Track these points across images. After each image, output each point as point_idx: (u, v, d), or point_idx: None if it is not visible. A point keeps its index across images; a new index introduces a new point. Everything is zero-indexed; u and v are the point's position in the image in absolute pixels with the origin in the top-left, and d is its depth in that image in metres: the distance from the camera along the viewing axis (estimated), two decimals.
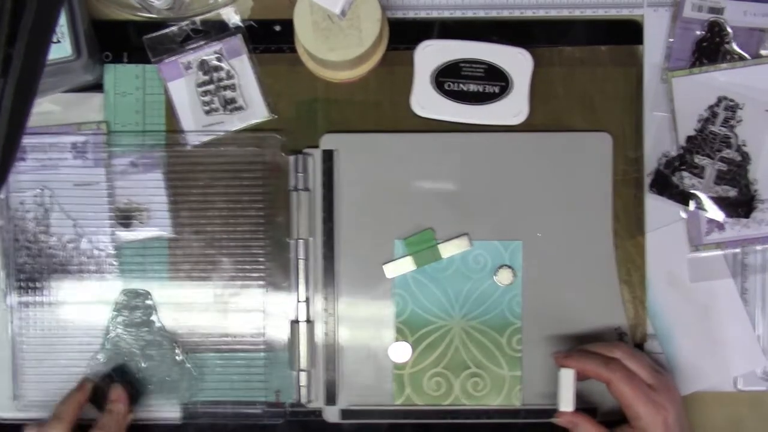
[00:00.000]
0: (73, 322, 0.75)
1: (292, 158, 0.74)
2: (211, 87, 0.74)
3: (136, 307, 0.74)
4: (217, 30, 0.74)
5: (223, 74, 0.74)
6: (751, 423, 0.75)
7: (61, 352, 0.75)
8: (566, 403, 0.68)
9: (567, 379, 0.68)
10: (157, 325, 0.74)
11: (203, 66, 0.74)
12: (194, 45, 0.74)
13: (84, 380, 0.74)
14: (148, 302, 0.74)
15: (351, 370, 0.74)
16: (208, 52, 0.74)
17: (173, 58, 0.74)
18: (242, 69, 0.74)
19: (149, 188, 0.74)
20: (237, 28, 0.74)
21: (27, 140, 0.73)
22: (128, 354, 0.74)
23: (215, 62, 0.74)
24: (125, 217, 0.74)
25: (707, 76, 0.74)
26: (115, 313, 0.74)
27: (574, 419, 0.69)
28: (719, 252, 0.74)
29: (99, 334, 0.74)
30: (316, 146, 0.74)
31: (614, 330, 0.74)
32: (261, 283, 0.74)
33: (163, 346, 0.74)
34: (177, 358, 0.74)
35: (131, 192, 0.74)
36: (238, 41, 0.74)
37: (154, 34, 0.74)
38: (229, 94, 0.74)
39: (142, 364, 0.74)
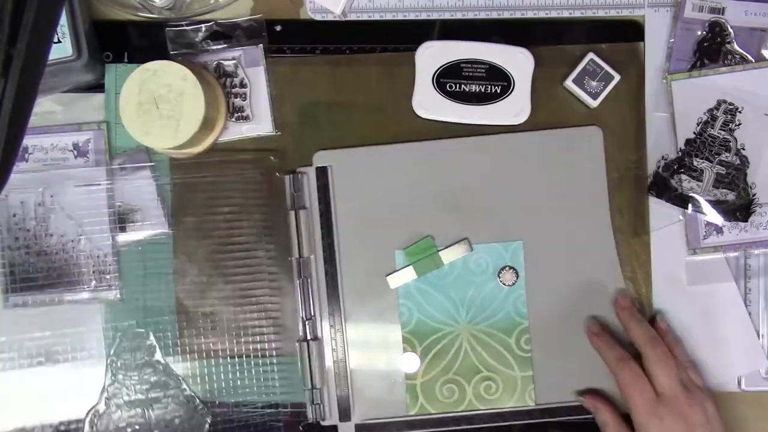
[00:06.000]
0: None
1: (287, 178, 0.74)
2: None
3: (137, 348, 0.73)
4: (239, 36, 0.74)
5: (236, 81, 0.74)
6: (755, 423, 0.75)
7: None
8: None
9: None
10: (161, 362, 0.73)
11: (218, 69, 0.74)
12: (214, 47, 0.74)
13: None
14: (149, 342, 0.73)
15: (363, 384, 0.74)
16: (226, 57, 0.74)
17: (190, 56, 0.73)
18: (256, 80, 0.74)
19: (145, 191, 0.74)
20: (259, 38, 0.74)
21: (28, 140, 0.73)
22: (132, 403, 0.72)
23: (231, 68, 0.74)
24: (122, 220, 0.74)
25: (706, 80, 0.74)
26: (114, 358, 0.73)
27: (596, 403, 0.70)
28: (718, 255, 0.74)
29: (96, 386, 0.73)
30: (311, 164, 0.74)
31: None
32: (268, 295, 0.74)
33: (169, 385, 0.73)
34: (185, 393, 0.72)
35: (128, 194, 0.74)
36: (258, 51, 0.74)
37: (177, 29, 0.74)
38: (238, 102, 0.74)
39: (151, 411, 0.73)
